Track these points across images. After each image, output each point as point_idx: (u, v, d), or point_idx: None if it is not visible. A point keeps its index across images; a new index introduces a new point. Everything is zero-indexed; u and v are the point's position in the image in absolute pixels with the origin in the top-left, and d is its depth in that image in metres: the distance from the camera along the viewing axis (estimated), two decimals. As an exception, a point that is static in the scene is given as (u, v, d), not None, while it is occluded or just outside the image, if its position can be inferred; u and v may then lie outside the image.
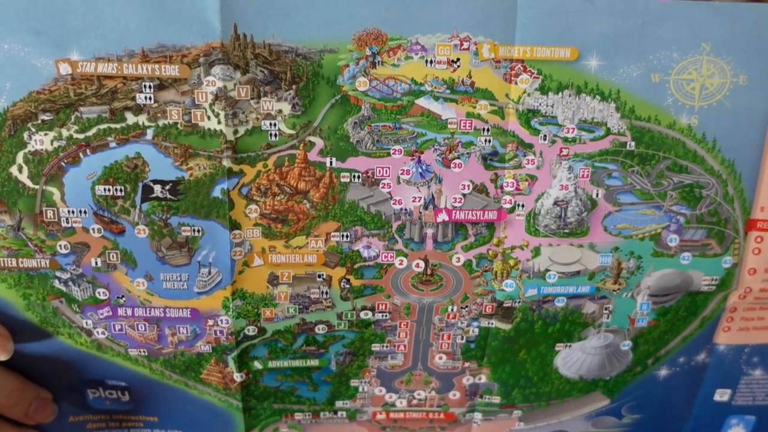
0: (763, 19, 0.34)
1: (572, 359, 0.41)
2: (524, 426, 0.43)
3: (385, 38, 0.34)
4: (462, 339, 0.39)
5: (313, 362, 0.40)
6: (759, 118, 0.36)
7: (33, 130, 0.33)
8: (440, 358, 0.40)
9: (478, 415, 0.43)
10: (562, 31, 0.34)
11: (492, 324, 0.39)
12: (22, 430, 0.38)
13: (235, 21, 0.32)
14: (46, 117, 0.33)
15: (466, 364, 0.40)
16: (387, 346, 0.40)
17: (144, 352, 0.38)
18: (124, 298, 0.36)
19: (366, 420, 0.43)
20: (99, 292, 0.36)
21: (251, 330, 0.38)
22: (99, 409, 0.41)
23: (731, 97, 0.35)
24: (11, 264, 0.35)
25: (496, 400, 0.42)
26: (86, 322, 0.37)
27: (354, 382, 0.41)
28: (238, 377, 0.39)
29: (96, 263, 0.36)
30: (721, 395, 0.43)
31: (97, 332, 0.37)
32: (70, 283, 0.36)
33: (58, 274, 0.36)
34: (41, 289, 0.36)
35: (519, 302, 0.38)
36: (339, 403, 0.42)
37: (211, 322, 0.37)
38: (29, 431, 0.39)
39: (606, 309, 0.39)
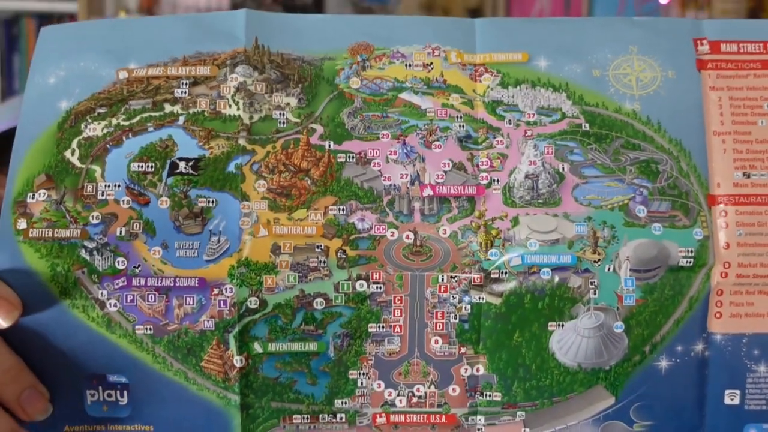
0: (674, 30, 0.43)
1: (567, 342, 0.41)
2: (531, 434, 0.41)
3: (372, 49, 0.43)
4: (456, 318, 0.41)
5: (312, 346, 0.41)
6: (694, 104, 0.42)
7: (89, 120, 0.41)
8: (436, 342, 0.41)
9: (481, 419, 0.41)
10: (512, 40, 0.43)
11: (483, 299, 0.40)
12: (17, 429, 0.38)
13: (256, 35, 0.42)
14: (101, 110, 0.42)
15: (462, 350, 0.41)
16: (383, 327, 0.41)
17: (150, 329, 0.40)
18: (140, 267, 0.40)
19: (365, 425, 0.41)
20: (118, 261, 0.40)
21: (253, 302, 0.40)
22: (95, 418, 0.41)
23: (665, 87, 0.42)
24: (47, 234, 0.40)
25: (497, 397, 0.41)
26: (102, 293, 0.40)
27: (352, 374, 0.41)
28: (237, 361, 0.40)
29: (120, 232, 0.40)
30: (732, 397, 0.41)
31: (110, 304, 0.40)
32: (95, 252, 0.40)
33: (86, 243, 0.40)
34: (68, 258, 0.40)
35: (506, 273, 0.40)
36: (338, 403, 0.41)
37: (216, 291, 0.40)
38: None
39: (591, 283, 0.41)
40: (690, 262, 0.41)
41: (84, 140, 0.41)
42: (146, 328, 0.40)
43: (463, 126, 0.42)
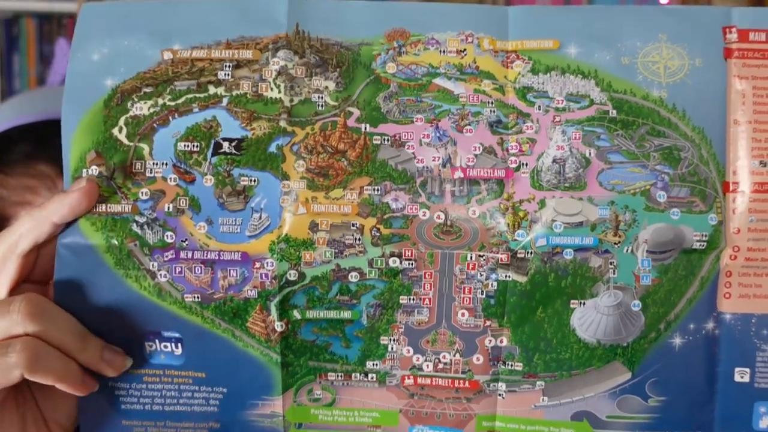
0: (704, 18, 0.44)
1: (588, 320, 0.43)
2: (548, 401, 0.44)
3: (408, 35, 0.44)
4: (482, 294, 0.43)
5: (346, 314, 0.43)
6: (718, 94, 0.43)
7: (136, 99, 0.43)
8: (463, 315, 0.44)
9: (502, 386, 0.44)
10: (544, 27, 0.44)
11: (509, 277, 0.43)
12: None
13: (297, 20, 0.44)
14: (147, 90, 0.44)
15: (488, 323, 0.44)
16: (413, 299, 0.43)
17: (198, 297, 0.43)
18: (186, 242, 0.43)
19: (395, 385, 0.44)
20: (167, 236, 0.43)
21: (292, 274, 0.43)
22: (155, 364, 0.44)
23: (691, 76, 0.44)
24: (101, 209, 0.43)
25: (519, 366, 0.44)
26: (152, 265, 0.43)
27: (383, 340, 0.44)
28: (278, 326, 0.43)
29: (168, 208, 0.43)
30: (742, 375, 0.44)
31: (161, 275, 0.43)
32: (145, 227, 0.43)
33: (136, 218, 0.43)
34: (121, 232, 0.43)
35: (531, 253, 0.43)
36: (369, 364, 0.44)
37: (258, 265, 0.43)
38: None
39: (611, 263, 0.43)
40: (703, 245, 0.43)
41: (131, 118, 0.43)
42: (194, 297, 0.43)
43: (494, 111, 0.44)
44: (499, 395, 0.44)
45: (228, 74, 0.44)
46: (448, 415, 0.45)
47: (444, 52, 0.44)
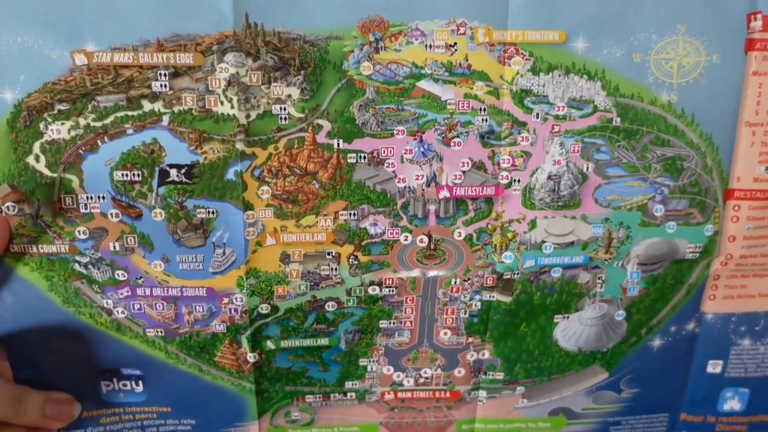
0: (729, 3, 0.37)
1: (570, 331, 0.42)
2: (527, 403, 0.45)
3: (387, 25, 0.36)
4: (465, 313, 0.41)
5: (324, 341, 0.41)
6: (732, 93, 0.39)
7: (49, 120, 0.35)
8: (445, 334, 0.42)
9: (482, 393, 0.44)
10: (550, 15, 0.36)
11: (493, 297, 0.41)
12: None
13: (246, 10, 0.35)
14: (62, 107, 0.35)
15: (470, 339, 0.42)
16: (394, 323, 0.41)
17: (161, 332, 0.39)
18: (142, 279, 0.38)
19: (375, 401, 0.44)
20: (118, 274, 0.38)
21: (264, 308, 0.39)
22: (112, 403, 0.42)
23: (706, 74, 0.38)
24: (32, 250, 0.37)
25: (500, 376, 0.44)
26: (106, 302, 0.38)
27: (363, 361, 0.42)
28: (251, 357, 0.41)
29: (114, 247, 0.37)
30: (714, 366, 0.45)
31: (117, 311, 0.38)
32: (90, 266, 0.37)
33: (77, 258, 0.37)
34: (62, 272, 0.37)
35: (518, 274, 0.40)
36: (348, 384, 0.43)
37: (226, 300, 0.39)
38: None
39: (599, 278, 0.41)
40: (696, 255, 0.41)
41: (48, 144, 0.35)
42: (157, 331, 0.39)
43: (486, 120, 0.38)
44: (480, 401, 0.44)
45: (164, 85, 0.35)
46: (428, 422, 0.45)
47: (430, 47, 0.37)
